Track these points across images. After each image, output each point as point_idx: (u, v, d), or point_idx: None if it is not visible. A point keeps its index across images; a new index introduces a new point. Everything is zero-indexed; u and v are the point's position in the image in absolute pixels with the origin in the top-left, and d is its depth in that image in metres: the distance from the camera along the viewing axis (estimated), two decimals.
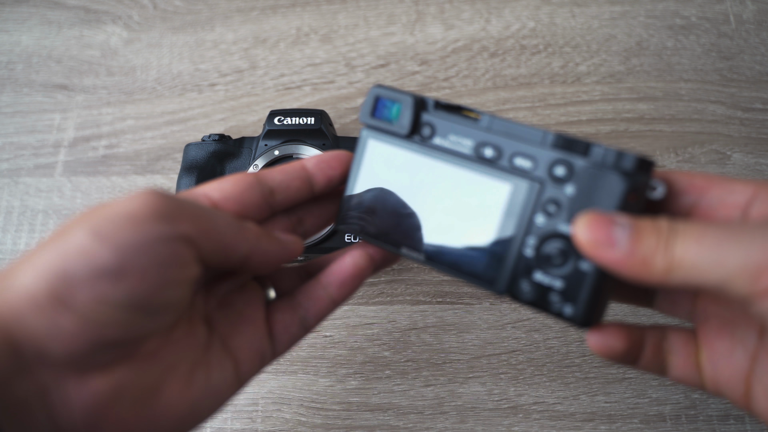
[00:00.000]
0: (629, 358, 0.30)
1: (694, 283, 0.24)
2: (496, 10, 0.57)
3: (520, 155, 0.29)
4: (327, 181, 0.33)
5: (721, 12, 0.55)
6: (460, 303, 0.46)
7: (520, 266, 0.29)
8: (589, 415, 0.42)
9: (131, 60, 0.58)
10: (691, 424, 0.41)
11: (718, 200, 0.27)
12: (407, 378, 0.44)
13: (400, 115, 0.32)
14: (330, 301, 0.33)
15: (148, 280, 0.24)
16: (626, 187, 0.26)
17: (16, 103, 0.57)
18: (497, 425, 0.42)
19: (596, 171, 0.27)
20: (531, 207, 0.29)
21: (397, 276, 0.48)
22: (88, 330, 0.23)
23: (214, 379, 0.29)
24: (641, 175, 0.27)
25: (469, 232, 0.30)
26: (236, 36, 0.58)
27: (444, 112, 0.31)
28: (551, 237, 0.29)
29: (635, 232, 0.25)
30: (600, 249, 0.25)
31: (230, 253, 0.28)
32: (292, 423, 0.43)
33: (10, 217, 0.52)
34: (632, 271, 0.25)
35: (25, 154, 0.55)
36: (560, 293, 0.28)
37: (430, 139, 0.31)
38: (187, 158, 0.48)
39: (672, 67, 0.53)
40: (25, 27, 0.60)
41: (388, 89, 0.32)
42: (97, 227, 0.24)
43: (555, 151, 0.28)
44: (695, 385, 0.30)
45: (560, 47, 0.55)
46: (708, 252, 0.23)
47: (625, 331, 0.29)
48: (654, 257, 0.24)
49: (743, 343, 0.28)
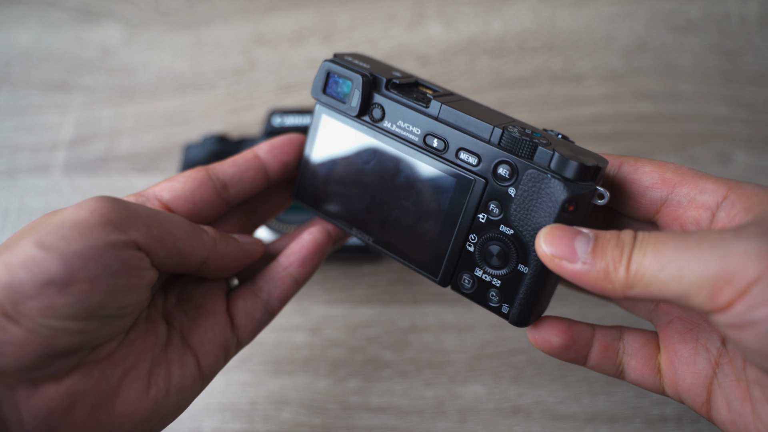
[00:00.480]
0: (571, 355, 0.29)
1: (655, 296, 0.23)
2: (497, 10, 0.57)
3: (466, 150, 0.28)
4: (282, 168, 0.32)
5: (724, 12, 0.55)
6: (460, 303, 0.46)
7: (462, 260, 0.29)
8: (590, 415, 0.42)
9: (131, 60, 0.58)
10: (693, 425, 0.41)
11: (688, 198, 0.27)
12: (407, 378, 0.44)
13: (351, 94, 0.31)
14: (292, 282, 0.32)
15: (98, 289, 0.24)
16: (567, 197, 0.26)
17: (14, 104, 0.57)
18: (497, 425, 0.42)
19: (539, 175, 0.26)
20: (474, 204, 0.28)
21: (397, 276, 0.47)
22: (38, 341, 0.23)
23: (176, 377, 0.28)
24: (585, 182, 0.26)
25: (415, 221, 0.30)
26: (236, 36, 0.58)
27: (396, 94, 0.30)
28: (493, 238, 0.28)
29: (596, 245, 0.25)
30: (562, 263, 0.25)
31: (187, 259, 0.28)
32: (292, 423, 0.43)
33: (8, 217, 0.52)
34: (594, 284, 0.24)
35: (24, 154, 0.55)
36: (499, 291, 0.29)
37: (380, 122, 0.30)
38: (187, 158, 0.48)
39: (673, 67, 0.53)
40: (24, 27, 0.60)
41: (341, 65, 0.31)
42: (43, 237, 0.23)
43: (501, 150, 0.27)
44: (654, 389, 0.29)
45: (560, 48, 0.55)
46: (667, 265, 0.22)
47: (564, 327, 0.29)
48: (616, 271, 0.24)
49: (706, 348, 0.27)
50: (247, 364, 0.45)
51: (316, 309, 0.47)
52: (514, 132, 0.27)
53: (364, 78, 0.30)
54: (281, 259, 0.32)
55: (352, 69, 0.30)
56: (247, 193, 0.32)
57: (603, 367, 0.30)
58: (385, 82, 0.30)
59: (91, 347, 0.25)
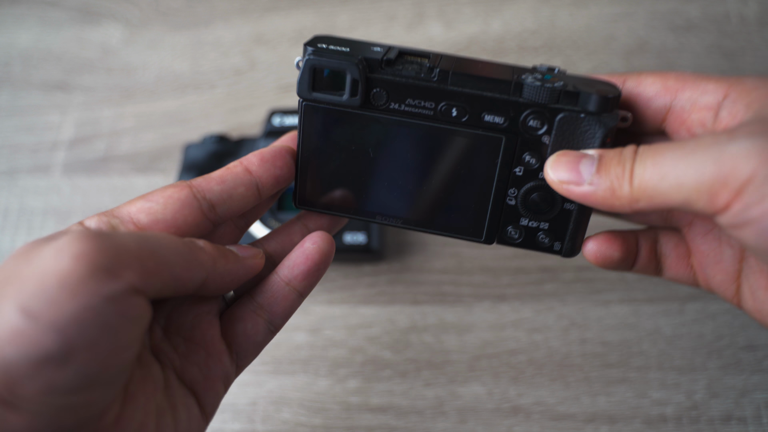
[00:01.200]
0: (626, 263, 0.30)
1: (660, 206, 0.24)
2: (497, 10, 0.57)
3: (489, 112, 0.28)
4: (275, 182, 0.29)
5: (723, 12, 0.55)
6: (460, 303, 0.46)
7: (505, 215, 0.30)
8: (590, 415, 0.42)
9: (131, 60, 0.58)
10: (693, 425, 0.41)
11: (690, 102, 0.27)
12: (407, 378, 0.44)
13: (347, 85, 0.28)
14: (297, 296, 0.30)
15: (100, 352, 0.20)
16: (604, 132, 0.27)
17: (14, 104, 0.57)
18: (498, 426, 0.42)
19: (571, 117, 0.27)
20: (508, 160, 0.29)
21: (397, 276, 0.47)
22: (42, 424, 0.20)
23: (183, 423, 0.25)
24: (611, 113, 0.27)
25: (446, 193, 0.30)
26: (236, 36, 0.58)
27: (394, 73, 0.28)
28: (534, 187, 0.29)
29: (600, 165, 0.25)
30: (570, 186, 0.26)
31: (184, 284, 0.24)
32: (292, 423, 0.43)
33: (8, 217, 0.52)
34: (603, 203, 0.25)
35: (24, 154, 0.55)
36: (547, 232, 0.30)
37: (385, 105, 0.28)
38: (187, 158, 0.48)
39: (673, 67, 0.53)
40: (24, 27, 0.60)
41: (327, 56, 0.28)
42: (27, 302, 0.20)
43: (524, 103, 0.27)
44: (690, 284, 0.30)
45: (560, 48, 0.55)
46: (666, 175, 0.23)
47: (619, 239, 0.30)
48: (620, 187, 0.24)
49: (730, 245, 0.28)
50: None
51: (316, 309, 0.47)
52: (532, 82, 0.27)
53: (360, 65, 0.27)
54: (282, 271, 0.29)
55: (342, 58, 0.27)
56: (236, 212, 0.29)
57: (646, 269, 0.31)
58: (378, 62, 0.28)
59: (98, 416, 0.22)
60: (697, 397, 0.42)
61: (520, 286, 0.46)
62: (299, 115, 0.29)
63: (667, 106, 0.28)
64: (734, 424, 0.41)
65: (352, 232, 0.45)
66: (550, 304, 0.45)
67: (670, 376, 0.43)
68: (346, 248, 0.45)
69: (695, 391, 0.42)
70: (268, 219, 0.45)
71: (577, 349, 0.44)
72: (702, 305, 0.45)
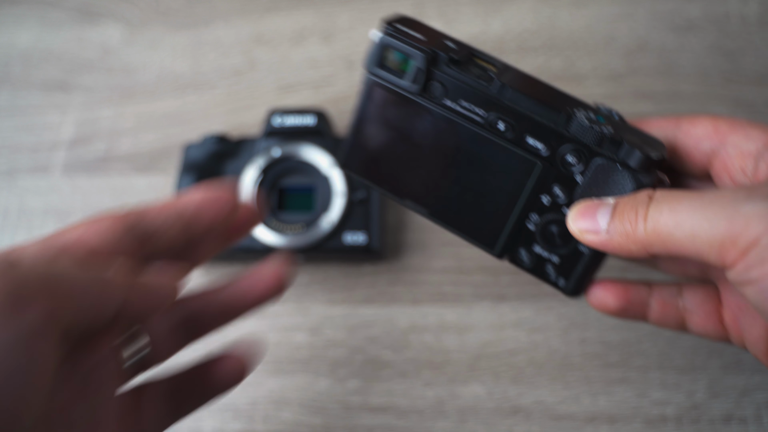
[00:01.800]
0: (630, 315, 0.30)
1: (674, 253, 0.24)
2: (497, 10, 0.57)
3: (532, 136, 0.29)
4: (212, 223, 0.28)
5: (724, 12, 0.55)
6: (460, 303, 0.46)
7: (521, 237, 0.31)
8: (590, 415, 0.42)
9: (131, 60, 0.58)
10: (693, 425, 0.41)
11: (735, 148, 0.27)
12: (407, 378, 0.44)
13: (411, 71, 0.29)
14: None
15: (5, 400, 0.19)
16: (634, 187, 0.27)
17: (14, 104, 0.57)
18: (498, 425, 0.42)
19: (608, 165, 0.27)
20: (538, 186, 0.29)
21: (397, 276, 0.47)
22: None
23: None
24: (650, 172, 0.27)
25: (475, 198, 0.31)
26: (236, 36, 0.58)
27: (457, 72, 0.29)
28: (556, 219, 0.30)
29: (615, 211, 0.26)
30: (588, 236, 0.27)
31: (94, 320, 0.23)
32: (292, 423, 0.43)
33: (8, 217, 0.52)
34: (619, 249, 0.26)
35: (24, 154, 0.55)
36: (557, 266, 0.30)
37: (441, 99, 0.30)
38: (187, 158, 0.48)
39: (673, 67, 0.53)
40: (24, 27, 0.60)
41: (399, 40, 0.29)
42: None
43: (568, 137, 0.28)
44: (720, 339, 0.29)
45: (561, 48, 0.55)
46: (681, 224, 0.23)
47: (620, 289, 0.30)
48: (635, 232, 0.25)
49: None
50: None
51: (316, 309, 0.47)
52: (582, 119, 0.27)
53: (426, 55, 0.29)
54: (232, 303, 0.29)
55: (412, 45, 0.29)
56: (171, 248, 0.27)
57: (664, 322, 0.30)
58: (446, 59, 0.29)
59: None
60: (698, 397, 0.42)
61: (520, 286, 0.46)
62: (362, 85, 0.31)
63: (715, 150, 0.28)
64: (735, 424, 0.41)
65: (352, 232, 0.45)
66: (550, 304, 0.45)
67: (670, 376, 0.43)
68: (346, 248, 0.45)
69: (696, 391, 0.42)
70: (269, 219, 0.45)
71: (577, 349, 0.44)
72: None
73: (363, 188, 0.46)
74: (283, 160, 0.46)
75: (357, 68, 0.56)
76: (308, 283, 0.47)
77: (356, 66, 0.56)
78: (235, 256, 0.46)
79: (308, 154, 0.46)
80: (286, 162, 0.46)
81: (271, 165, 0.46)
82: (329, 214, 0.45)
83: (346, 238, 0.45)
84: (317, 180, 0.46)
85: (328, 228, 0.45)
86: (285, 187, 0.47)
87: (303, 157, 0.46)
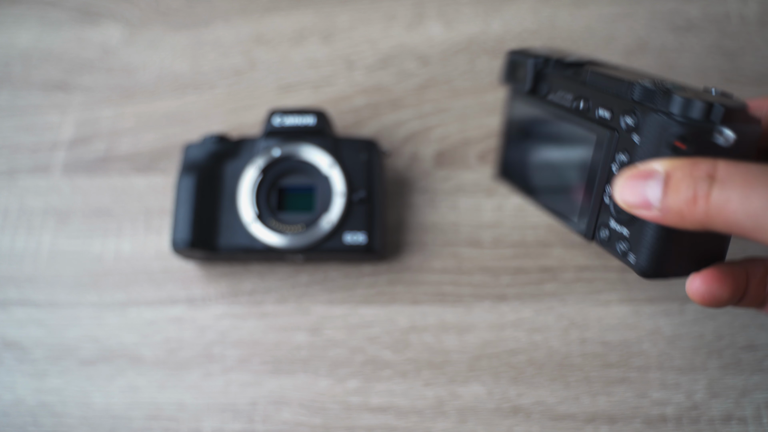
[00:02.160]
0: (734, 302, 0.27)
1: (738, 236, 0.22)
2: (497, 10, 0.57)
3: (602, 106, 0.30)
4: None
5: (724, 12, 0.55)
6: (460, 303, 0.46)
7: (601, 213, 0.30)
8: (590, 415, 0.42)
9: (131, 60, 0.58)
10: (693, 425, 0.41)
11: None
12: (407, 378, 0.44)
13: (526, 76, 0.36)
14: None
15: None
16: (671, 132, 0.25)
17: (14, 103, 0.57)
18: (498, 425, 0.42)
19: (654, 117, 0.26)
20: (609, 156, 0.29)
21: (397, 276, 0.47)
22: None
23: None
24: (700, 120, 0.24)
25: (570, 182, 0.33)
26: (236, 36, 0.58)
27: (558, 69, 0.35)
28: None
29: (668, 187, 0.23)
30: (639, 211, 0.24)
31: None
32: (292, 423, 0.43)
33: (8, 217, 0.52)
34: (672, 223, 0.24)
35: (24, 154, 0.55)
36: (627, 240, 0.28)
37: (547, 95, 0.35)
38: (187, 158, 0.48)
39: (673, 67, 0.53)
40: (24, 27, 0.60)
41: (518, 54, 0.38)
42: None
43: (628, 101, 0.28)
44: None
45: (560, 48, 0.55)
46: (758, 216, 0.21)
47: (730, 275, 0.27)
48: (692, 212, 0.22)
49: None
50: (247, 364, 0.45)
51: (316, 309, 0.47)
52: (646, 83, 0.27)
53: (535, 59, 0.36)
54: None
55: (526, 55, 0.36)
56: None
57: (751, 303, 0.28)
58: (554, 62, 0.35)
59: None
60: (698, 397, 0.42)
61: (520, 286, 0.46)
62: (506, 98, 0.41)
63: None
64: (734, 424, 0.41)
65: (352, 232, 0.45)
66: (550, 304, 0.45)
67: (670, 376, 0.43)
68: (346, 248, 0.45)
69: (695, 391, 0.42)
70: (269, 219, 0.45)
71: (577, 349, 0.44)
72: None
73: (363, 188, 0.46)
74: (283, 160, 0.46)
75: (357, 68, 0.56)
76: (308, 283, 0.47)
77: (356, 66, 0.56)
78: (235, 256, 0.46)
79: (308, 154, 0.46)
80: (286, 162, 0.46)
81: (271, 165, 0.46)
82: (329, 214, 0.45)
83: (346, 238, 0.45)
84: (317, 180, 0.46)
85: (328, 228, 0.45)
86: (285, 187, 0.47)
87: (303, 157, 0.46)
